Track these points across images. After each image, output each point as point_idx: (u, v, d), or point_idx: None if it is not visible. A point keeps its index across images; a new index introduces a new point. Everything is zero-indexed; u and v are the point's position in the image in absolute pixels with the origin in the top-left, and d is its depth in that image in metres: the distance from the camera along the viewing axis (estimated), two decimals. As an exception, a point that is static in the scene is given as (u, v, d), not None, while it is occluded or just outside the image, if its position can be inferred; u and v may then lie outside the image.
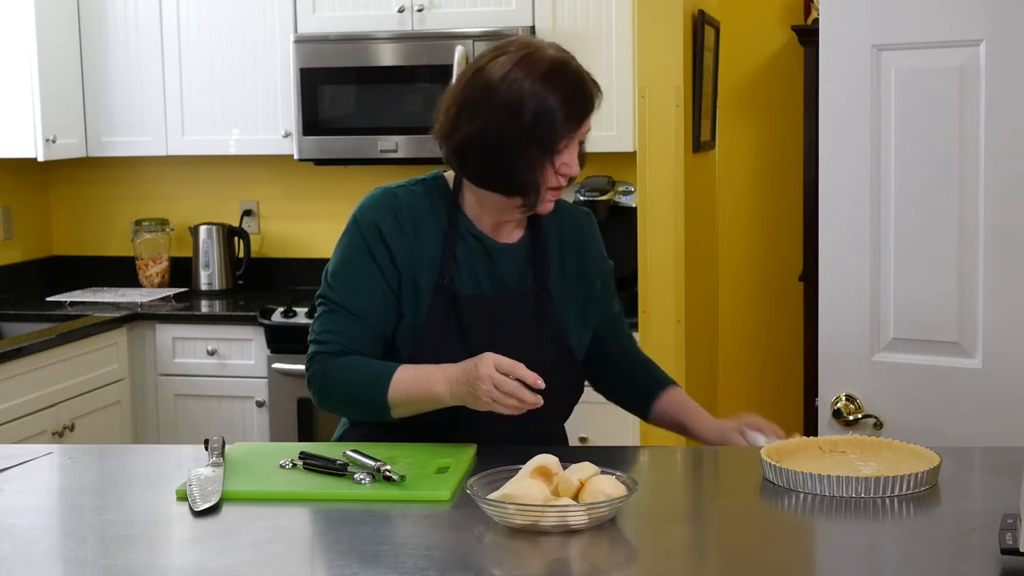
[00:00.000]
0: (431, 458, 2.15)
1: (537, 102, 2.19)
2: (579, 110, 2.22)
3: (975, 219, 2.58)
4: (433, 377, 2.20)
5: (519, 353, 2.23)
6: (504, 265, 2.33)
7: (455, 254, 2.31)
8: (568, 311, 2.37)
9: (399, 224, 2.30)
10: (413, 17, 4.46)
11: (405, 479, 2.03)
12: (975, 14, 2.56)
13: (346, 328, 2.29)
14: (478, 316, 2.29)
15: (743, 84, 5.11)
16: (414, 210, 2.31)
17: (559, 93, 2.20)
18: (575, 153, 2.25)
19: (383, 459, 2.08)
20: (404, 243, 2.29)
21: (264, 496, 2.03)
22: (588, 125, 2.26)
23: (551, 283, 2.35)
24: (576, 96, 2.22)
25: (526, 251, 2.36)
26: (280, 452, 2.21)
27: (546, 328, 2.33)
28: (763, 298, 5.16)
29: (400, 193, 2.33)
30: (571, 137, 2.23)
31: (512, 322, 2.31)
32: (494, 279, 2.33)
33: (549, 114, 2.19)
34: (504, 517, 1.81)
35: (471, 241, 2.32)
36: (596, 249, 2.48)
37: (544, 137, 2.20)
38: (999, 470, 2.09)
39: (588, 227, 2.47)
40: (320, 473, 2.09)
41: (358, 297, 2.29)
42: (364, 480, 2.04)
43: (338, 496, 2.01)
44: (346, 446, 2.17)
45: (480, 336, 2.28)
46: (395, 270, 2.29)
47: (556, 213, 2.38)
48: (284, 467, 2.13)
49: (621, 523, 1.85)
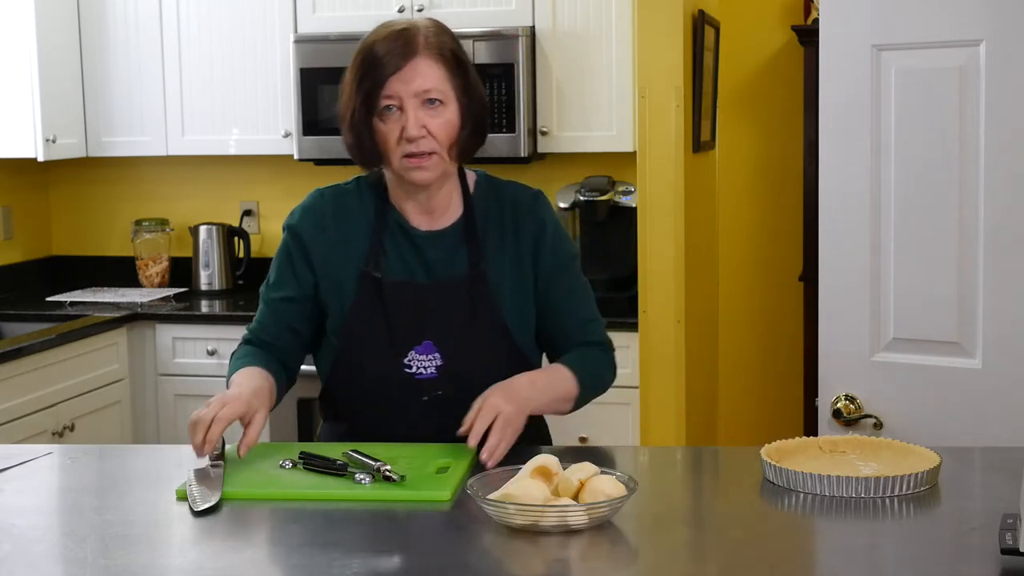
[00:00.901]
0: (431, 458, 2.15)
1: (357, 62, 2.25)
2: (391, 61, 2.20)
3: (975, 219, 2.58)
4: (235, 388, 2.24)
5: (453, 338, 2.28)
6: (434, 252, 2.32)
7: (383, 245, 2.32)
8: (506, 294, 2.33)
9: (321, 222, 2.35)
10: (413, 17, 4.45)
11: (405, 479, 2.03)
12: (975, 14, 2.56)
13: (262, 320, 2.39)
14: (404, 302, 2.30)
15: (743, 84, 5.11)
16: (339, 207, 2.36)
17: (376, 47, 2.23)
18: (413, 114, 2.21)
19: (383, 459, 2.08)
20: (325, 240, 2.34)
21: (264, 496, 2.03)
22: (421, 83, 2.21)
23: (487, 266, 2.32)
24: (390, 49, 2.22)
25: (458, 236, 2.33)
26: (280, 452, 2.20)
27: (481, 312, 2.30)
28: (763, 298, 5.16)
29: (327, 193, 2.39)
30: (390, 93, 2.21)
31: (444, 308, 2.30)
32: (426, 267, 2.32)
33: (362, 69, 2.22)
34: (504, 517, 1.81)
35: (398, 232, 2.33)
36: (537, 229, 2.36)
37: (364, 96, 2.22)
38: (999, 470, 2.09)
39: (529, 207, 2.37)
40: (320, 473, 2.09)
41: (275, 296, 2.37)
42: (365, 480, 2.03)
43: (338, 496, 2.01)
44: (346, 446, 2.17)
45: (407, 324, 2.29)
46: (310, 271, 2.34)
47: (498, 194, 2.37)
48: (284, 467, 2.13)
49: (621, 523, 1.85)
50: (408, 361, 2.29)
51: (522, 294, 2.35)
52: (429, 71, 2.22)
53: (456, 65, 2.26)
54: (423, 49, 2.23)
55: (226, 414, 2.11)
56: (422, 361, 2.29)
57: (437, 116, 2.23)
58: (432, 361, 2.29)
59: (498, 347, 2.31)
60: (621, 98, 4.31)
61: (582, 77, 4.38)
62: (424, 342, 2.29)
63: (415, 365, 2.29)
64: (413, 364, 2.29)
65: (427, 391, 2.29)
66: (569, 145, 4.44)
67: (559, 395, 2.32)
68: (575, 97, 4.39)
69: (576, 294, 2.41)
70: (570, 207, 4.46)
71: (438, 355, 2.29)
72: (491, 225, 2.35)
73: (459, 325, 2.30)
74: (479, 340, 2.30)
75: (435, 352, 2.29)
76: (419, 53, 2.22)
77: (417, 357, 2.29)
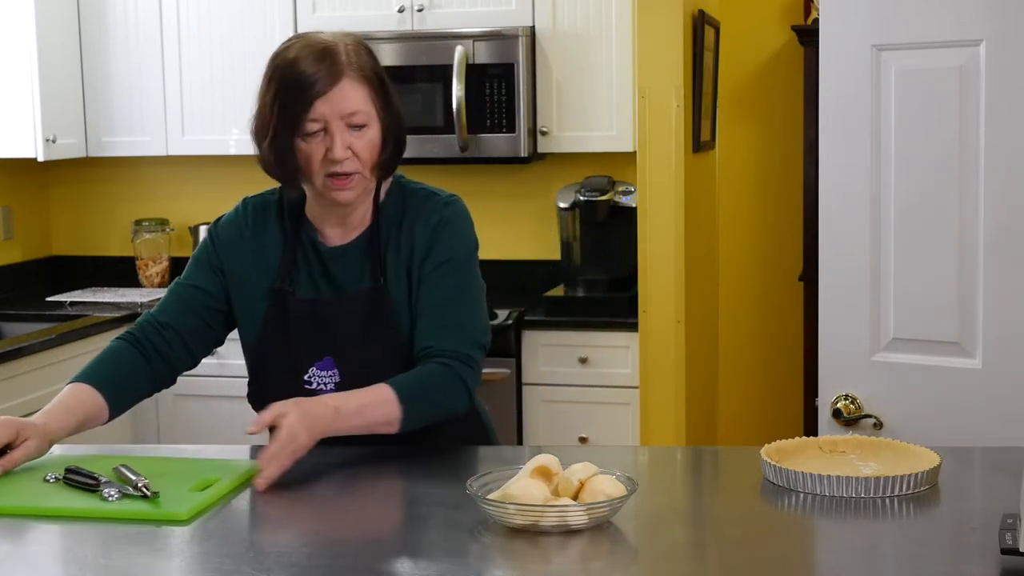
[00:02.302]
0: (202, 474, 2.10)
1: (279, 79, 2.21)
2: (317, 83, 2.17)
3: (975, 219, 2.58)
4: (59, 405, 2.23)
5: (351, 353, 2.27)
6: (339, 267, 2.32)
7: (295, 260, 2.33)
8: (405, 305, 2.29)
9: (240, 233, 2.36)
10: (413, 17, 4.46)
11: (158, 495, 1.98)
12: (975, 14, 2.56)
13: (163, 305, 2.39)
14: (308, 319, 2.30)
15: (743, 84, 5.11)
16: (259, 218, 2.36)
17: (300, 66, 2.19)
18: (339, 136, 2.19)
19: (157, 473, 2.06)
20: (240, 251, 2.35)
21: (8, 511, 1.97)
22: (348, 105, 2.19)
23: (389, 280, 2.30)
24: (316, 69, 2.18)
25: (362, 250, 2.32)
26: (49, 467, 2.14)
27: (379, 326, 2.29)
28: (763, 298, 5.16)
29: (252, 201, 2.40)
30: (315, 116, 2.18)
31: (345, 323, 2.29)
32: (331, 282, 2.32)
33: (285, 89, 2.19)
34: (504, 517, 1.80)
35: (308, 246, 2.33)
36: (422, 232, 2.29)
37: (287, 116, 2.19)
38: (999, 470, 2.09)
39: (424, 213, 2.31)
40: (74, 488, 2.04)
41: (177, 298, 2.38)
42: (112, 496, 1.98)
43: (72, 512, 1.95)
44: (120, 460, 2.13)
45: (309, 339, 2.29)
46: (223, 279, 2.35)
47: (404, 206, 2.33)
48: (48, 481, 2.08)
49: (621, 523, 1.85)
50: (308, 378, 2.29)
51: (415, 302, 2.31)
52: (354, 93, 2.20)
53: (378, 85, 2.25)
54: (347, 70, 2.20)
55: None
56: (322, 377, 2.29)
57: (361, 137, 2.22)
58: (331, 377, 2.28)
59: (396, 361, 2.27)
60: (621, 98, 4.31)
61: (582, 77, 4.38)
62: (325, 358, 2.29)
63: (315, 381, 2.29)
64: (313, 380, 2.29)
65: None
66: (569, 145, 4.44)
67: (373, 420, 2.17)
68: (575, 97, 4.39)
69: (440, 299, 2.28)
70: (570, 207, 4.47)
71: (337, 372, 2.28)
72: (392, 236, 2.32)
73: (358, 340, 2.29)
74: (377, 355, 2.28)
75: (334, 368, 2.29)
76: (344, 75, 2.20)
77: (318, 373, 2.29)
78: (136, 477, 2.02)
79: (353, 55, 2.23)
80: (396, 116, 2.28)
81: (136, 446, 3.92)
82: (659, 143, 4.00)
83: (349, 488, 2.13)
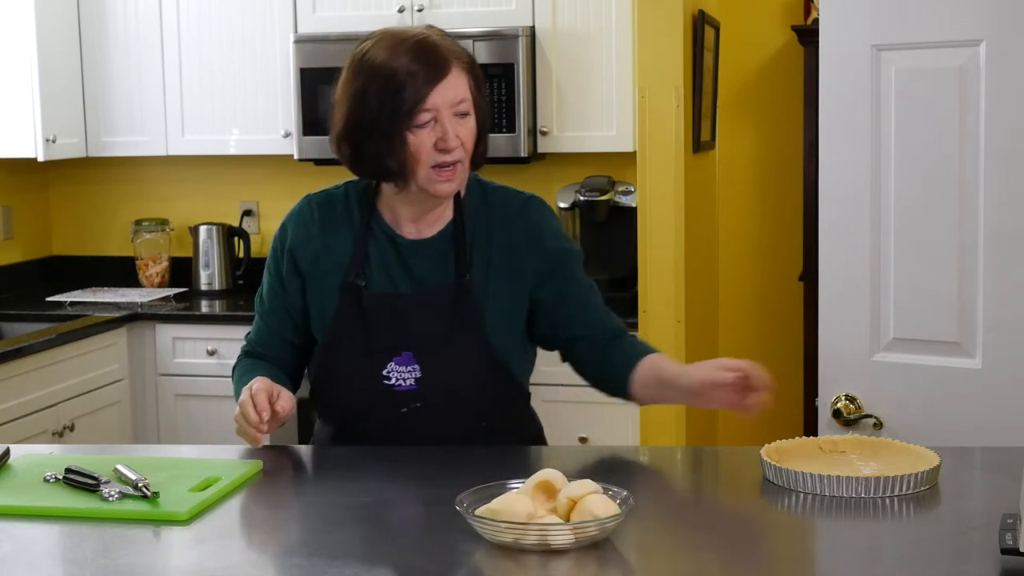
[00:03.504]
0: (201, 473, 2.10)
1: (383, 73, 2.19)
2: (428, 74, 2.18)
3: (975, 219, 2.58)
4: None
5: (433, 349, 2.26)
6: (419, 261, 2.30)
7: (367, 254, 2.31)
8: (493, 305, 2.29)
9: (307, 229, 2.34)
10: (413, 17, 4.46)
11: (158, 495, 1.98)
12: (975, 14, 2.56)
13: (256, 331, 2.44)
14: (385, 313, 2.28)
15: (743, 84, 5.10)
16: (326, 213, 2.35)
17: (404, 59, 2.19)
18: (450, 125, 2.19)
19: (162, 472, 2.07)
20: (310, 247, 2.33)
21: (8, 511, 1.98)
22: (456, 94, 2.20)
23: (474, 276, 2.29)
24: (423, 60, 2.18)
25: (446, 245, 2.31)
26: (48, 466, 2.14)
27: (462, 322, 2.28)
28: (763, 298, 5.16)
29: (316, 198, 2.38)
30: (429, 106, 2.18)
31: (425, 319, 2.28)
32: (410, 276, 2.30)
33: (393, 82, 2.18)
34: (487, 533, 1.78)
35: (383, 240, 2.32)
36: (534, 236, 2.33)
37: (396, 109, 2.18)
38: (999, 470, 2.09)
39: (525, 214, 2.34)
40: (74, 488, 2.04)
41: (265, 306, 2.42)
42: (112, 496, 1.98)
43: (72, 512, 1.95)
44: (120, 460, 2.12)
45: (386, 334, 2.28)
46: (298, 276, 2.34)
47: (488, 202, 2.34)
48: (48, 481, 2.08)
49: (621, 523, 1.85)
50: (387, 372, 2.28)
51: (509, 305, 2.31)
52: (460, 82, 2.22)
53: (476, 73, 2.27)
54: (455, 60, 2.22)
55: (258, 387, 2.18)
56: (401, 373, 2.28)
57: (465, 125, 2.23)
58: (411, 373, 2.28)
59: (478, 359, 2.28)
60: (621, 98, 4.31)
61: (582, 77, 4.38)
62: (404, 353, 2.27)
63: (394, 377, 2.28)
64: (392, 376, 2.28)
65: (406, 403, 2.27)
66: (569, 145, 4.44)
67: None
68: (575, 97, 4.39)
69: (589, 287, 2.39)
70: (570, 207, 4.46)
71: (417, 367, 2.27)
72: (480, 233, 2.32)
73: (440, 337, 2.28)
74: (459, 352, 2.28)
75: (415, 364, 2.27)
76: (453, 65, 2.21)
77: (396, 368, 2.28)
78: (136, 477, 2.02)
79: (451, 45, 2.24)
80: (488, 105, 2.30)
81: (136, 446, 3.93)
82: (659, 143, 4.00)
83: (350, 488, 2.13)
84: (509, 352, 2.32)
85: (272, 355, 2.39)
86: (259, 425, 2.15)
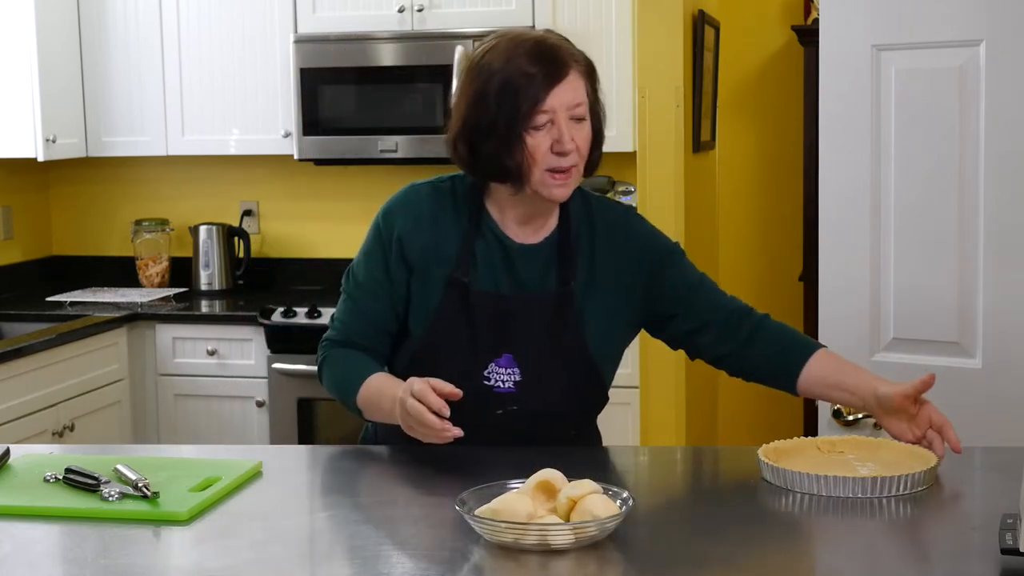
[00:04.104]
0: (201, 472, 2.09)
1: (501, 75, 2.18)
2: (546, 76, 2.17)
3: (975, 219, 2.58)
4: (386, 394, 2.18)
5: (534, 353, 2.24)
6: (525, 265, 2.29)
7: (474, 252, 2.28)
8: (594, 315, 2.29)
9: (417, 219, 2.30)
10: (413, 17, 4.46)
11: (158, 495, 1.98)
12: (975, 14, 2.56)
13: (350, 319, 2.33)
14: (489, 313, 2.26)
15: (743, 84, 5.11)
16: (435, 206, 2.31)
17: (523, 60, 2.18)
18: (566, 128, 2.19)
19: (162, 472, 2.06)
20: (419, 238, 2.29)
21: (8, 511, 1.97)
22: (574, 97, 2.20)
23: (577, 285, 2.29)
24: (542, 62, 2.18)
25: (552, 251, 2.30)
26: (48, 466, 2.14)
27: (563, 331, 2.27)
28: (763, 298, 5.16)
29: (423, 189, 2.34)
30: (546, 108, 2.18)
31: (527, 323, 2.26)
32: (514, 279, 2.28)
33: (511, 83, 2.17)
34: (487, 533, 1.78)
35: (491, 240, 2.29)
36: (638, 245, 2.34)
37: (513, 110, 2.17)
38: (999, 470, 2.09)
39: (626, 224, 2.36)
40: (74, 488, 2.04)
41: (364, 292, 2.32)
42: (112, 496, 1.98)
43: (72, 512, 1.95)
44: (121, 460, 2.12)
45: (489, 334, 2.25)
46: (405, 266, 2.29)
47: (590, 211, 2.34)
48: (48, 481, 2.08)
49: (621, 523, 1.85)
50: (488, 373, 2.25)
51: (610, 315, 2.31)
52: (578, 84, 2.21)
53: (594, 78, 2.26)
54: (573, 64, 2.21)
55: (419, 388, 2.08)
56: (501, 375, 2.25)
57: (581, 130, 2.22)
58: (511, 375, 2.25)
59: (577, 367, 2.28)
60: (621, 98, 4.31)
61: (582, 77, 4.37)
62: (504, 355, 2.26)
63: (494, 378, 2.25)
64: (492, 376, 2.25)
65: (503, 405, 2.25)
66: (569, 145, 4.43)
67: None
68: (575, 97, 4.38)
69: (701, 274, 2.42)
70: (570, 207, 4.46)
71: (517, 370, 2.26)
72: (583, 243, 2.32)
73: (542, 342, 2.26)
74: (560, 359, 2.26)
75: (515, 367, 2.25)
76: (572, 68, 2.21)
77: (497, 370, 2.26)
78: (136, 477, 2.02)
79: (570, 47, 2.24)
80: (603, 110, 2.30)
81: (136, 446, 3.93)
82: (659, 143, 4.00)
83: (350, 488, 2.13)
84: (606, 362, 2.33)
85: (367, 344, 2.32)
86: (445, 427, 2.07)
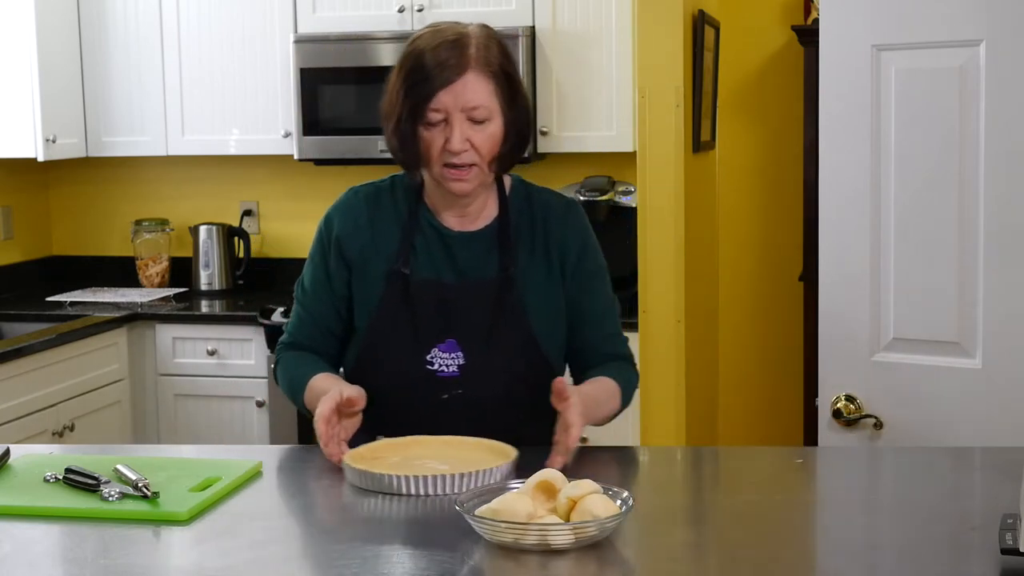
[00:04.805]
0: (202, 472, 2.10)
1: (406, 69, 2.23)
2: (442, 74, 2.19)
3: (975, 219, 2.58)
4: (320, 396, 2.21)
5: (477, 338, 2.28)
6: (465, 252, 2.33)
7: (413, 244, 2.33)
8: (535, 299, 2.33)
9: (356, 220, 2.36)
10: (413, 17, 4.46)
11: (158, 495, 1.98)
12: (975, 14, 2.56)
13: (300, 324, 2.41)
14: (430, 301, 2.30)
15: (743, 84, 5.10)
16: (373, 205, 2.37)
17: (428, 56, 2.21)
18: (459, 128, 2.20)
19: (162, 472, 2.07)
20: (358, 238, 2.35)
21: (8, 511, 1.97)
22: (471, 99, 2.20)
23: (517, 271, 2.32)
24: (440, 61, 2.20)
25: (492, 238, 2.34)
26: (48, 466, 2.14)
27: (505, 316, 2.30)
28: (763, 298, 5.16)
29: (362, 191, 2.41)
30: (438, 107, 2.20)
31: (469, 309, 2.30)
32: (455, 267, 2.33)
33: (411, 78, 2.22)
34: (487, 533, 1.78)
35: (430, 231, 2.34)
36: (568, 239, 2.38)
37: (412, 105, 2.21)
38: (999, 470, 2.09)
39: (562, 216, 2.39)
40: (74, 488, 2.04)
41: (310, 296, 2.41)
42: (112, 496, 1.98)
43: (72, 512, 1.95)
44: (120, 460, 2.12)
45: (431, 321, 2.30)
46: (345, 265, 2.35)
47: (530, 200, 2.38)
48: (48, 481, 2.08)
49: (621, 523, 1.85)
50: (431, 358, 2.29)
51: (550, 302, 2.35)
52: (478, 87, 2.21)
53: (504, 80, 2.26)
54: (474, 64, 2.21)
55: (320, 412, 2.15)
56: (444, 359, 2.29)
57: (481, 131, 2.23)
58: (455, 360, 2.29)
59: (521, 351, 2.31)
60: (621, 98, 4.31)
61: (582, 77, 4.38)
62: (448, 340, 2.29)
63: (437, 362, 2.29)
64: (435, 361, 2.29)
65: (448, 389, 2.29)
66: (569, 145, 4.44)
67: (607, 413, 2.33)
68: (575, 97, 4.39)
69: (605, 307, 2.41)
70: (570, 207, 4.46)
71: (461, 354, 2.29)
72: (523, 231, 2.36)
73: (484, 326, 2.30)
74: (503, 342, 2.30)
75: (458, 351, 2.29)
76: (470, 68, 2.21)
77: (440, 355, 2.29)
78: (136, 477, 2.02)
79: (483, 49, 2.24)
80: (522, 112, 2.29)
81: (136, 446, 3.93)
82: (659, 143, 4.00)
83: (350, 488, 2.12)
84: (551, 344, 2.35)
85: (316, 346, 2.39)
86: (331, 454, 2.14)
